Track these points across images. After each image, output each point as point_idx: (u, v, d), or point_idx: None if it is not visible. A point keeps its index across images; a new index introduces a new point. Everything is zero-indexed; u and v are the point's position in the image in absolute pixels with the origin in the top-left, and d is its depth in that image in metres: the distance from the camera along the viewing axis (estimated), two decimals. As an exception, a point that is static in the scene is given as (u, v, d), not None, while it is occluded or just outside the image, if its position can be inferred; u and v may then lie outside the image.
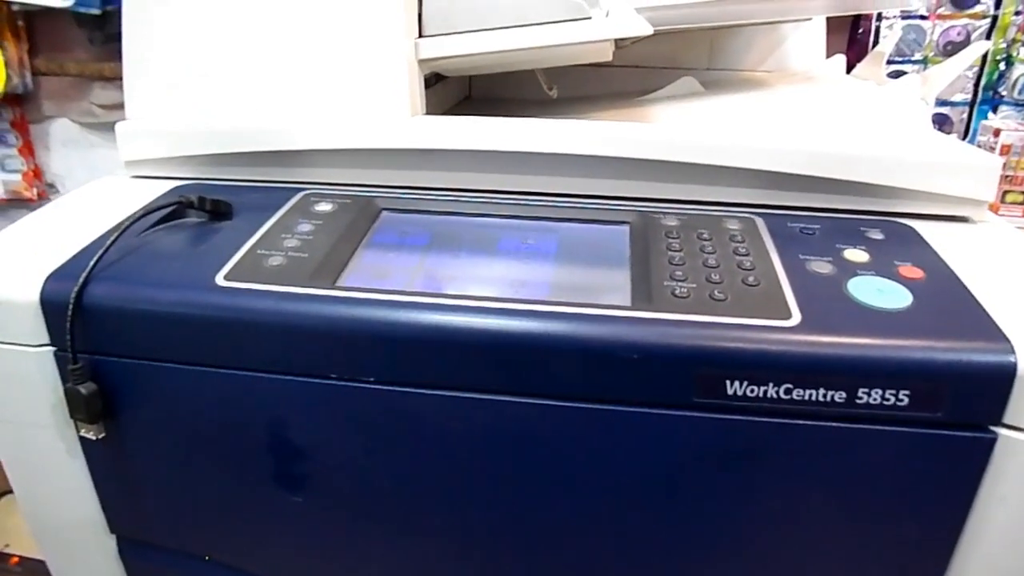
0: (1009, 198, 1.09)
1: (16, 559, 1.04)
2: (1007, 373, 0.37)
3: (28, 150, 1.52)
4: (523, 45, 0.53)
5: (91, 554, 0.55)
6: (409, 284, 0.45)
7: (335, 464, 0.47)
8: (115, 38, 0.57)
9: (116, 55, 0.58)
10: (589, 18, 0.52)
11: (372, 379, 0.43)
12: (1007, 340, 0.38)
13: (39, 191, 1.54)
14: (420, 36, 0.54)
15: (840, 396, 0.39)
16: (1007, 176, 1.06)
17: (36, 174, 1.54)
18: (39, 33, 1.43)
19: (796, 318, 0.40)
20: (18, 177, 1.51)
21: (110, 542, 0.54)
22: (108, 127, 0.61)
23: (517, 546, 0.48)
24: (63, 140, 1.53)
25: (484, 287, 0.45)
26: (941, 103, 1.20)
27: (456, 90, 0.79)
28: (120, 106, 0.59)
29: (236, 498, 0.50)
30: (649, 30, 0.53)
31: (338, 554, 0.51)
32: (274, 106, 0.55)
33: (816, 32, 0.82)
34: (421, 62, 0.55)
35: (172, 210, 0.51)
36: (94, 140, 1.52)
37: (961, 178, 0.50)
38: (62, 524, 0.54)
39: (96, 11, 1.30)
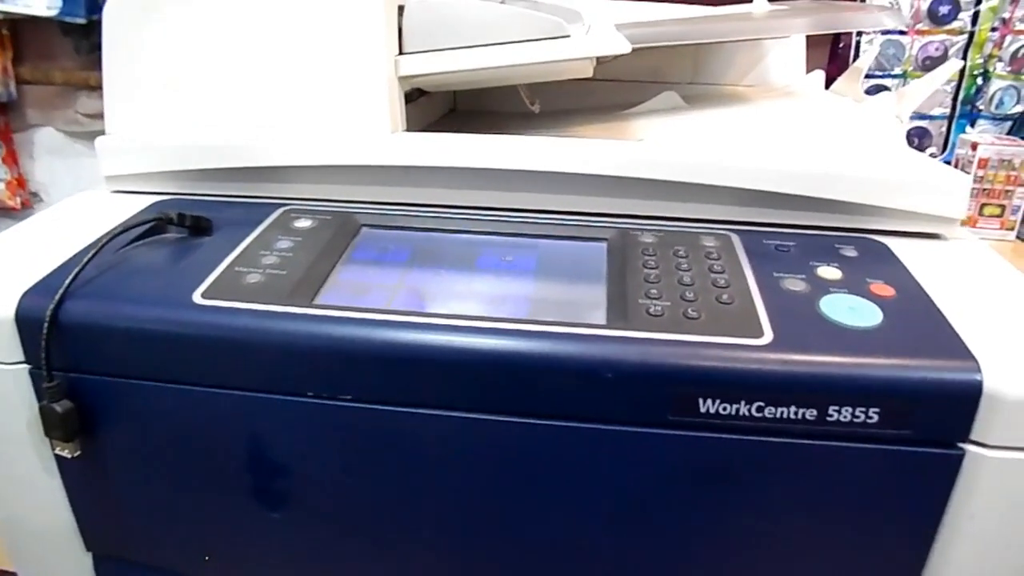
0: (987, 211, 1.10)
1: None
2: (973, 391, 0.38)
3: (12, 159, 1.51)
4: (503, 63, 0.54)
5: (67, 572, 0.54)
6: (388, 301, 0.46)
7: (313, 482, 0.47)
8: (101, 47, 0.57)
9: (102, 64, 0.58)
10: (568, 36, 0.53)
11: (350, 397, 0.43)
12: (974, 359, 0.39)
13: (23, 200, 1.53)
14: (400, 53, 0.55)
15: (811, 414, 0.40)
16: (984, 189, 1.07)
17: (20, 183, 1.53)
18: (24, 41, 1.43)
19: (768, 336, 0.41)
20: (1, 186, 1.50)
21: (86, 560, 0.54)
22: (93, 136, 0.61)
23: (494, 563, 0.48)
24: (48, 149, 1.53)
25: (464, 304, 0.45)
26: (920, 117, 1.22)
27: (441, 104, 0.80)
28: (105, 116, 0.59)
29: (214, 516, 0.50)
30: (628, 48, 0.54)
31: (317, 572, 0.51)
32: (255, 122, 0.55)
33: (796, 47, 0.83)
34: (401, 79, 0.55)
35: (151, 226, 0.51)
36: (79, 149, 1.52)
37: (933, 196, 0.51)
38: (37, 542, 0.54)
39: (82, 20, 1.29)
